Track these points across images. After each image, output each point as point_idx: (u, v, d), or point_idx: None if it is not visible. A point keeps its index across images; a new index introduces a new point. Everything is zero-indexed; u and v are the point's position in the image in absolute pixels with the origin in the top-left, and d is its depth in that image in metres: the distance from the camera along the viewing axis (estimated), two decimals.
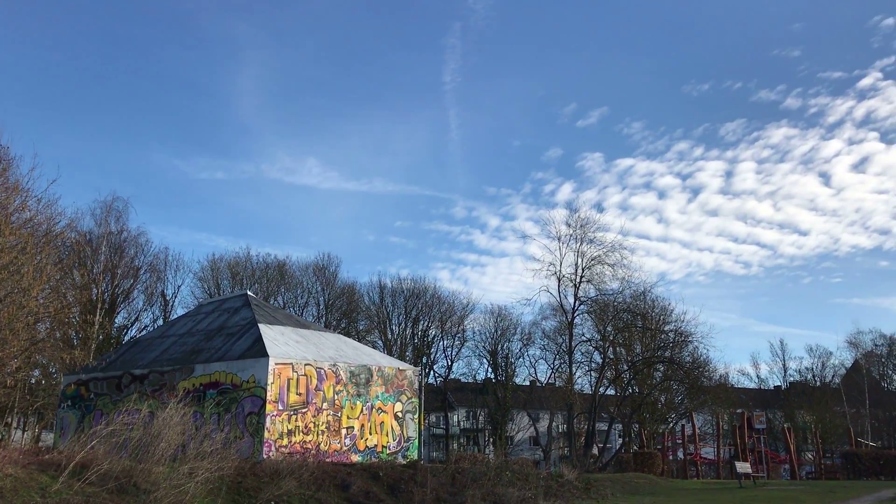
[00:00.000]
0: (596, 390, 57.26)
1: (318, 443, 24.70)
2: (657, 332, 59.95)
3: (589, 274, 53.38)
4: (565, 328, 57.33)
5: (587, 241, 53.77)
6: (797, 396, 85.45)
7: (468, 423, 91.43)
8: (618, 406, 61.55)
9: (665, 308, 61.56)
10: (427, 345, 74.90)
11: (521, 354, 78.81)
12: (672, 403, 64.34)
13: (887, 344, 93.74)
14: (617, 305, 57.15)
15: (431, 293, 74.79)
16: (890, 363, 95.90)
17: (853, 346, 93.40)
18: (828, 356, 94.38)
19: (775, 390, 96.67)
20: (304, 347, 26.66)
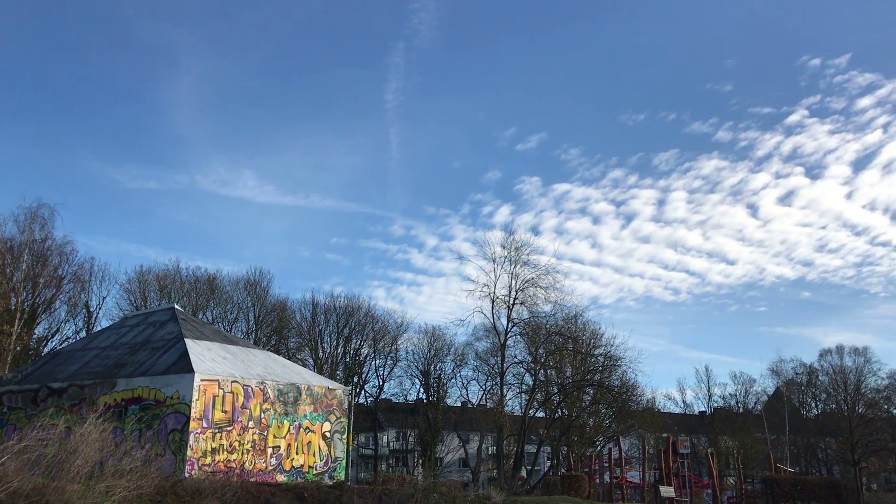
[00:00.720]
0: (526, 412, 57.53)
1: (243, 462, 24.17)
2: (587, 356, 60.64)
3: (522, 296, 53.70)
4: (498, 350, 57.54)
5: (522, 263, 54.14)
6: (721, 422, 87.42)
7: (398, 443, 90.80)
8: (547, 428, 61.95)
9: (596, 332, 62.41)
10: (359, 364, 74.26)
11: (454, 375, 78.83)
12: (600, 426, 65.05)
13: (807, 373, 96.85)
14: (549, 328, 57.66)
15: (365, 312, 74.31)
16: (809, 391, 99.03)
17: (775, 374, 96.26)
18: (751, 383, 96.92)
19: (700, 415, 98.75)
20: (231, 364, 26.13)
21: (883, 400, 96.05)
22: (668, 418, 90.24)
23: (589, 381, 60.20)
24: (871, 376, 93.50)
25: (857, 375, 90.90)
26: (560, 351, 59.53)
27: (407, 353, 77.96)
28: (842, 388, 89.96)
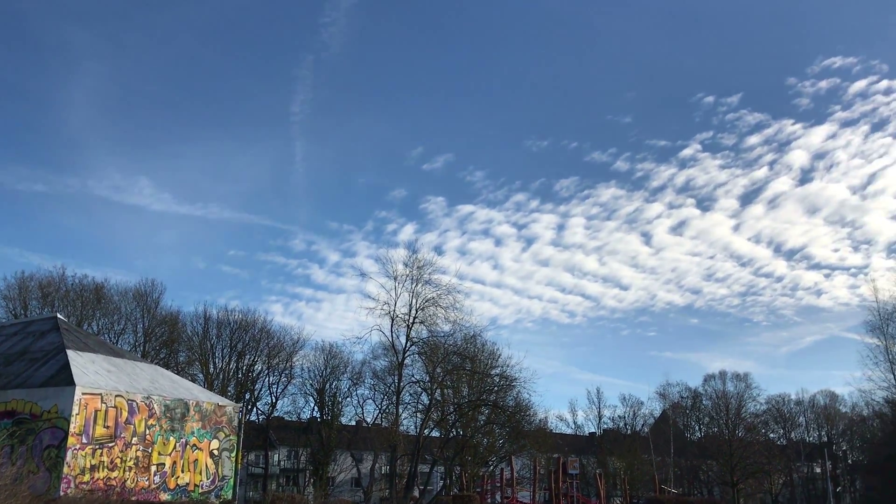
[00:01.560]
0: (421, 431, 57.37)
1: (125, 480, 23.08)
2: (484, 376, 61.06)
3: (422, 315, 53.67)
4: (395, 368, 57.28)
5: (424, 282, 54.14)
6: (610, 443, 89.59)
7: (289, 462, 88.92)
8: (441, 448, 61.94)
9: (493, 352, 62.93)
10: (251, 380, 72.48)
11: (350, 394, 77.98)
12: (493, 446, 65.52)
13: (691, 396, 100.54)
14: (447, 348, 57.81)
15: (261, 327, 72.66)
16: (693, 415, 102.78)
17: (662, 397, 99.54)
18: (639, 405, 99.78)
19: (590, 436, 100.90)
20: (116, 377, 24.98)
21: (761, 424, 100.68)
22: (560, 439, 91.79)
23: (485, 401, 60.59)
24: (750, 402, 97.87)
25: (738, 400, 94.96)
26: (458, 371, 59.73)
27: (302, 370, 76.70)
28: (723, 413, 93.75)
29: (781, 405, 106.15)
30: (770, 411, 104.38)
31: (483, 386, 61.37)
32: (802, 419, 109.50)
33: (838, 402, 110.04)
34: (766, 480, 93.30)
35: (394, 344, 54.20)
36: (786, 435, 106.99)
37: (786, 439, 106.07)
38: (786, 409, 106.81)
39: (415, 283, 53.92)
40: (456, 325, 54.66)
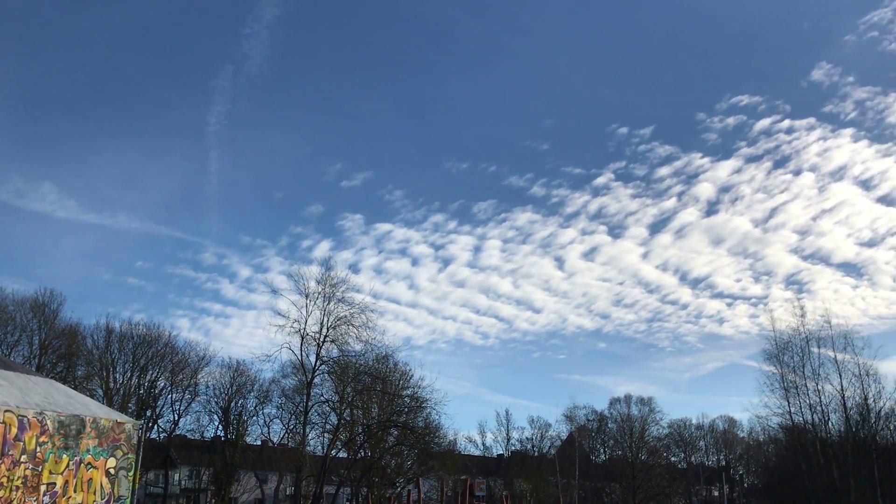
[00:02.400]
0: (328, 452, 56.47)
1: (11, 500, 21.80)
2: (395, 397, 60.67)
3: (334, 334, 52.96)
4: (304, 387, 56.31)
5: (336, 300, 53.48)
6: (517, 465, 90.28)
7: (190, 482, 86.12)
8: (348, 469, 61.10)
9: (405, 373, 62.69)
10: (154, 397, 70.02)
11: (256, 412, 76.21)
12: (402, 468, 65.03)
13: (597, 419, 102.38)
14: (358, 367, 57.21)
15: (165, 342, 70.41)
16: (599, 438, 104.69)
17: (569, 420, 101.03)
18: (547, 428, 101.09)
19: (498, 458, 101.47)
20: (5, 391, 23.67)
21: (663, 448, 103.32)
22: (468, 460, 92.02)
23: (394, 422, 60.16)
24: (654, 425, 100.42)
25: (641, 424, 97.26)
26: (368, 391, 59.16)
27: (208, 387, 74.63)
28: (628, 436, 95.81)
29: (683, 429, 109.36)
30: (672, 435, 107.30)
31: (393, 407, 60.96)
32: (702, 443, 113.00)
33: (736, 428, 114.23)
34: (667, 503, 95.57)
35: (303, 362, 53.26)
36: (686, 458, 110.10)
37: (686, 463, 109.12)
38: (687, 434, 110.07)
39: (327, 301, 53.27)
40: (368, 345, 54.15)
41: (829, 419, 63.17)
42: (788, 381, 64.36)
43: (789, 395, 63.89)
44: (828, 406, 62.65)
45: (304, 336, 52.12)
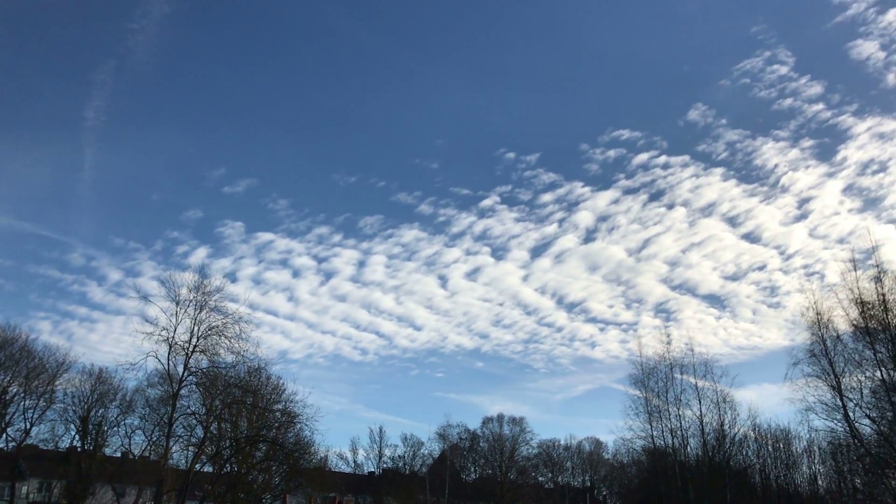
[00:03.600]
0: (191, 466, 54.36)
1: None
2: (265, 411, 59.19)
3: (205, 344, 51.02)
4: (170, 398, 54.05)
5: (209, 309, 51.53)
6: (388, 483, 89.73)
7: (40, 495, 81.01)
8: (212, 484, 59.05)
9: (278, 386, 61.28)
10: (4, 404, 65.56)
11: (118, 423, 72.53)
12: (269, 484, 63.42)
13: (470, 438, 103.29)
14: (229, 379, 55.44)
15: (21, 345, 66.14)
16: (470, 456, 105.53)
17: (442, 438, 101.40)
18: (419, 446, 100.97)
19: (369, 476, 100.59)
20: None
21: (532, 468, 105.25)
22: (339, 478, 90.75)
23: (264, 437, 58.68)
24: (524, 445, 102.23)
25: (512, 443, 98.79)
26: (238, 404, 57.40)
27: (66, 394, 70.46)
28: (498, 455, 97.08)
29: (552, 450, 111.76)
30: (541, 455, 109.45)
31: (263, 421, 59.46)
32: (569, 464, 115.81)
33: (602, 450, 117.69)
34: None
35: (170, 373, 51.07)
36: (553, 479, 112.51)
37: (553, 483, 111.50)
38: (555, 454, 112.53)
39: (199, 310, 51.32)
40: (240, 357, 52.53)
41: (689, 443, 66.01)
42: (652, 405, 66.88)
43: (652, 419, 66.36)
44: (687, 431, 65.46)
45: (173, 345, 50.01)
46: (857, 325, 46.21)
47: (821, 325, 49.33)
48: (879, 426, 46.63)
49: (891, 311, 44.01)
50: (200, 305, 51.42)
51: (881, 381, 44.88)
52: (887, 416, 45.57)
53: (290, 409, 58.80)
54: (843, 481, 68.33)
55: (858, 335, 46.34)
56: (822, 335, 49.15)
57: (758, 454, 75.98)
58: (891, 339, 43.56)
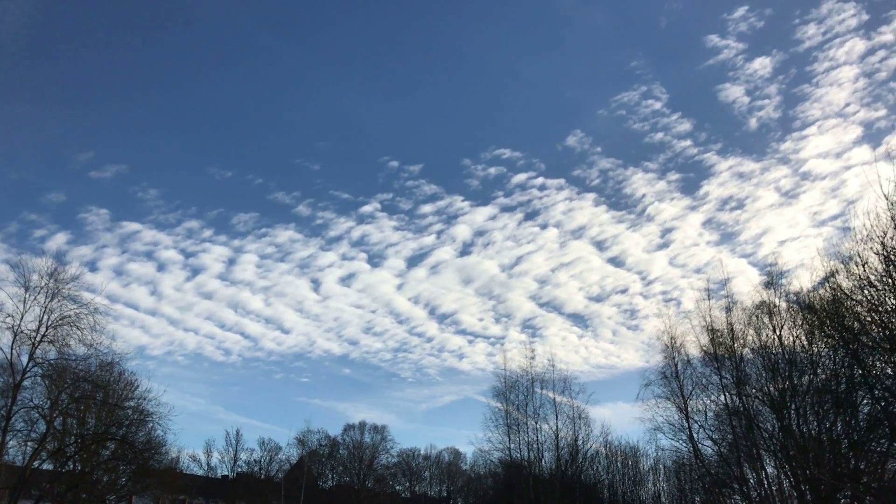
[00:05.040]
0: (29, 463, 51.09)
1: None
2: (116, 407, 56.50)
3: (54, 334, 48.10)
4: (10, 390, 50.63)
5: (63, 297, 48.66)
6: (242, 487, 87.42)
7: None
8: (51, 483, 55.76)
9: (132, 383, 58.63)
10: None
11: None
12: (115, 484, 60.52)
13: (330, 445, 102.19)
14: (78, 373, 52.51)
15: None
16: (329, 463, 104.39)
17: (301, 444, 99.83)
18: (277, 450, 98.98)
19: (223, 479, 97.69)
20: None
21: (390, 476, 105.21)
22: (190, 480, 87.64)
23: (113, 435, 55.98)
24: (384, 454, 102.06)
25: (372, 452, 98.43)
26: (87, 399, 54.50)
27: None
28: (357, 463, 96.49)
29: (411, 459, 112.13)
30: (400, 464, 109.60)
31: (113, 418, 56.72)
32: (428, 474, 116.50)
33: (461, 460, 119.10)
34: None
35: (12, 362, 47.81)
36: (411, 488, 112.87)
37: (410, 492, 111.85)
38: (414, 464, 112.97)
39: (51, 298, 48.40)
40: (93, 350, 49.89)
41: (544, 457, 67.66)
42: (512, 418, 68.16)
43: (511, 431, 67.62)
44: (543, 444, 67.07)
45: (18, 333, 46.96)
46: (707, 351, 48.83)
47: (673, 348, 51.92)
48: (720, 448, 49.44)
49: (738, 340, 46.77)
50: (53, 293, 48.50)
51: (724, 405, 47.56)
52: (728, 438, 48.32)
53: (142, 407, 56.34)
54: (684, 499, 71.83)
55: (707, 360, 48.97)
56: (674, 358, 51.74)
57: (608, 470, 78.92)
58: (736, 365, 46.25)
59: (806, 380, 40.48)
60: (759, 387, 44.14)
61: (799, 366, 40.94)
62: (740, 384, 45.52)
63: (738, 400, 45.95)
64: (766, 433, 43.96)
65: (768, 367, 42.91)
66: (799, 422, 40.42)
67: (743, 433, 45.89)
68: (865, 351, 30.95)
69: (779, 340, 42.93)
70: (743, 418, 45.36)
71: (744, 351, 46.38)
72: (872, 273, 28.94)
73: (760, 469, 45.28)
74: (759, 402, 44.37)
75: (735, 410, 46.59)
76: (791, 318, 42.97)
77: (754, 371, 45.17)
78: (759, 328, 44.67)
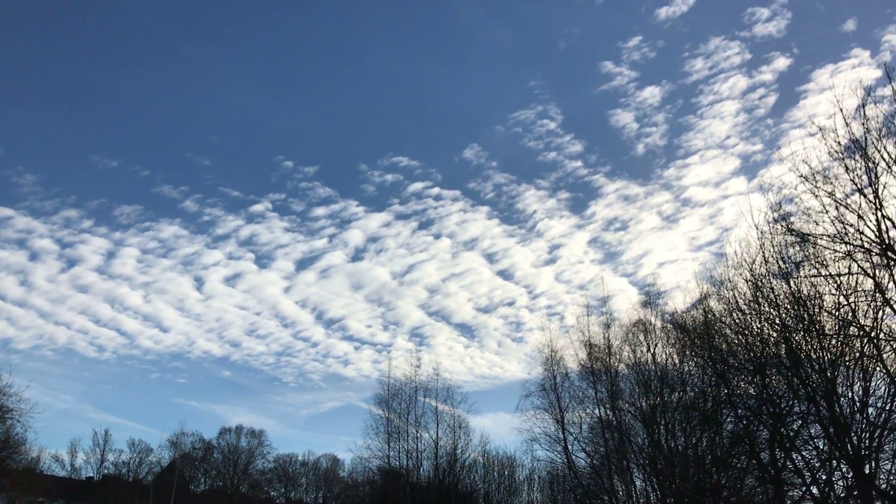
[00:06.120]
0: None
1: None
2: None
3: None
4: None
5: None
6: (108, 490, 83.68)
7: None
8: None
9: None
10: None
11: None
12: None
13: (204, 448, 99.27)
14: None
15: None
16: (202, 467, 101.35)
17: (174, 446, 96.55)
18: (148, 452, 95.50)
19: (87, 481, 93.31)
20: None
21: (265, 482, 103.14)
22: (51, 481, 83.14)
23: None
24: (260, 459, 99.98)
25: (248, 456, 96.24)
26: None
27: None
28: (232, 467, 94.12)
29: (288, 465, 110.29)
30: (276, 470, 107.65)
31: None
32: (304, 480, 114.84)
33: (339, 467, 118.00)
34: None
35: None
36: (287, 494, 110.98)
37: (286, 498, 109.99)
38: (291, 470, 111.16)
39: None
40: None
41: (422, 465, 67.87)
42: (393, 425, 68.09)
43: (391, 439, 67.49)
44: (423, 453, 67.33)
45: None
46: (584, 366, 50.38)
47: (553, 361, 53.30)
48: (593, 460, 51.00)
49: (614, 355, 48.46)
50: None
51: (599, 418, 49.16)
52: (601, 450, 49.92)
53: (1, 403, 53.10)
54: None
55: (584, 374, 50.54)
56: (553, 371, 53.11)
57: (484, 479, 79.84)
58: (611, 380, 47.90)
59: (676, 397, 42.19)
60: (632, 402, 45.74)
61: (670, 383, 42.64)
62: (614, 398, 47.11)
63: (612, 414, 47.53)
64: (637, 447, 45.61)
65: (642, 382, 44.53)
66: (668, 437, 42.08)
67: (615, 446, 47.48)
68: (731, 371, 32.51)
69: (652, 358, 44.66)
70: (616, 432, 46.93)
71: (619, 366, 48.09)
72: (741, 298, 30.49)
73: (630, 482, 46.91)
74: (631, 416, 45.98)
75: (609, 424, 48.15)
76: (665, 337, 44.80)
77: (628, 386, 46.85)
78: (635, 345, 46.36)
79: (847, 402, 26.49)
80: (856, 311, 24.54)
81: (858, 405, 26.26)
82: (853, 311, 24.47)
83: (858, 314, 24.65)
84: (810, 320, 26.35)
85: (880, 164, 21.56)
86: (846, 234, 22.71)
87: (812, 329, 26.37)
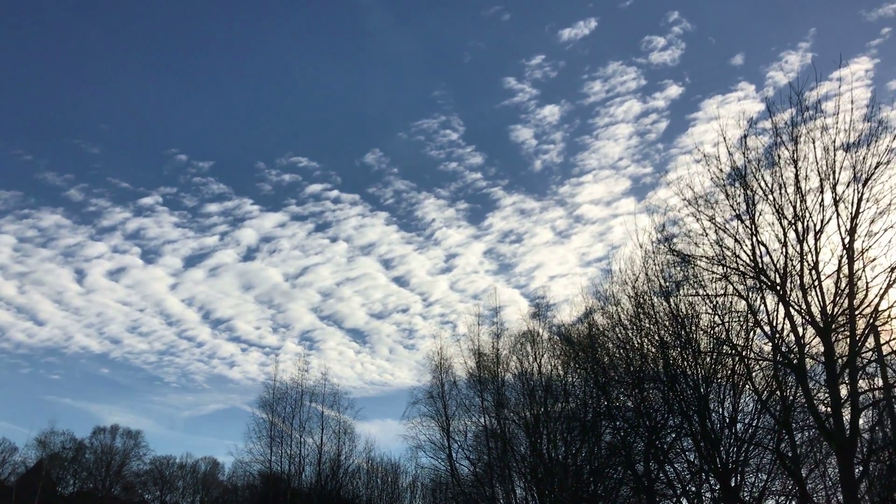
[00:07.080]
0: None
1: None
2: None
3: None
4: None
5: None
6: None
7: None
8: None
9: None
10: None
11: None
12: None
13: (75, 448, 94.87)
14: None
15: None
16: (72, 468, 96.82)
17: (42, 446, 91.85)
18: (12, 451, 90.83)
19: None
20: None
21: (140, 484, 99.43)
22: None
23: None
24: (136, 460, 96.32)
25: (122, 457, 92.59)
26: None
27: None
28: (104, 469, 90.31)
29: (165, 467, 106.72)
30: (152, 472, 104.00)
31: None
32: (181, 483, 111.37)
33: (218, 471, 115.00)
34: None
35: None
36: (162, 497, 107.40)
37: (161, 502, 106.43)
38: (168, 472, 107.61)
39: None
40: None
41: (305, 470, 66.83)
42: (277, 429, 66.80)
43: (274, 443, 66.10)
44: (306, 458, 66.29)
45: None
46: (473, 374, 50.87)
47: (442, 369, 53.55)
48: (476, 468, 51.46)
49: (502, 365, 49.13)
50: None
51: (484, 426, 49.71)
52: (484, 458, 50.47)
53: None
54: None
55: (472, 383, 50.99)
56: (442, 379, 53.36)
57: (367, 485, 79.35)
58: (497, 389, 48.54)
59: (559, 407, 43.12)
60: (517, 411, 46.45)
61: (554, 393, 43.53)
62: (500, 407, 47.74)
63: (497, 422, 48.15)
64: (520, 455, 46.34)
65: (527, 392, 45.27)
66: (549, 446, 42.93)
67: (498, 455, 48.10)
68: (612, 384, 33.54)
69: (538, 368, 45.50)
70: (500, 440, 47.56)
71: (506, 376, 48.77)
72: (624, 314, 31.50)
73: (511, 490, 47.56)
74: (515, 425, 46.70)
75: (493, 432, 48.75)
76: (552, 349, 45.71)
77: (514, 395, 47.55)
78: (523, 355, 47.14)
79: (718, 418, 27.72)
80: (729, 331, 25.73)
81: (728, 420, 27.52)
82: (727, 330, 25.65)
83: (731, 334, 25.84)
84: (687, 338, 27.45)
85: (758, 192, 22.67)
86: (724, 258, 23.74)
87: (688, 346, 27.48)
